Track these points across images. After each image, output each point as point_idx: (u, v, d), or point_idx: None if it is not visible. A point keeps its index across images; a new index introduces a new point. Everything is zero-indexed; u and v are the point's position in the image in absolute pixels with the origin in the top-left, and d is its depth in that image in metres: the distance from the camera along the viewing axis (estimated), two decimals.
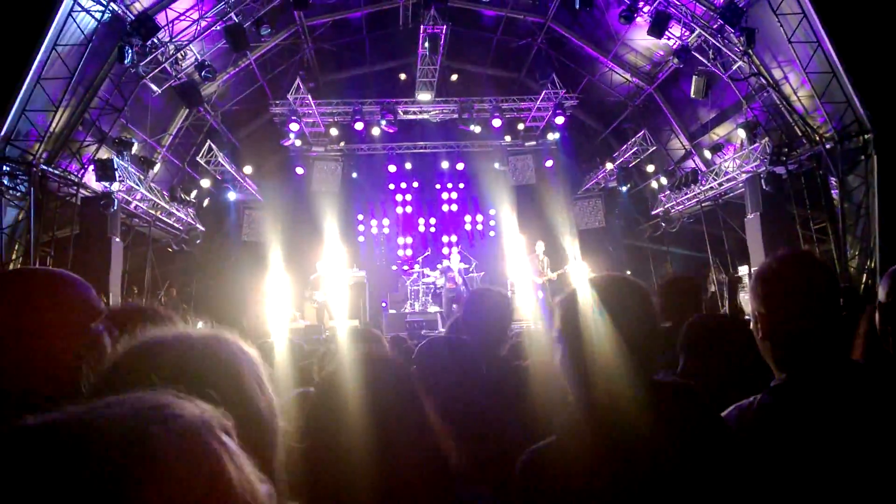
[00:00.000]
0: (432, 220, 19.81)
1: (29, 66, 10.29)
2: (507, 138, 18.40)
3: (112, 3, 10.94)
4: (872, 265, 11.74)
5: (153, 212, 14.68)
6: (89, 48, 10.99)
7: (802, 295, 1.77)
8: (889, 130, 11.47)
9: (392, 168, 18.67)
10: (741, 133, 14.19)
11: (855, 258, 12.26)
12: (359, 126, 16.54)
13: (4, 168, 10.52)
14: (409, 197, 19.83)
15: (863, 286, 11.50)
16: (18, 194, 10.95)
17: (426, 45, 14.50)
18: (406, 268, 18.03)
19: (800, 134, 12.81)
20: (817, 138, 12.48)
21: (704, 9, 12.75)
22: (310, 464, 1.46)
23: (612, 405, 1.57)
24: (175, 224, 15.81)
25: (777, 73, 12.75)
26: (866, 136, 11.82)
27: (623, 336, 1.60)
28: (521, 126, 18.05)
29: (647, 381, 1.63)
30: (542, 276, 14.95)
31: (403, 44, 16.56)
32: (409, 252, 19.18)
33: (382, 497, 1.44)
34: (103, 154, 12.29)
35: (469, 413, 2.47)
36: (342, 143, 17.94)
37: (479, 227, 19.97)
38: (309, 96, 15.92)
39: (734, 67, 12.96)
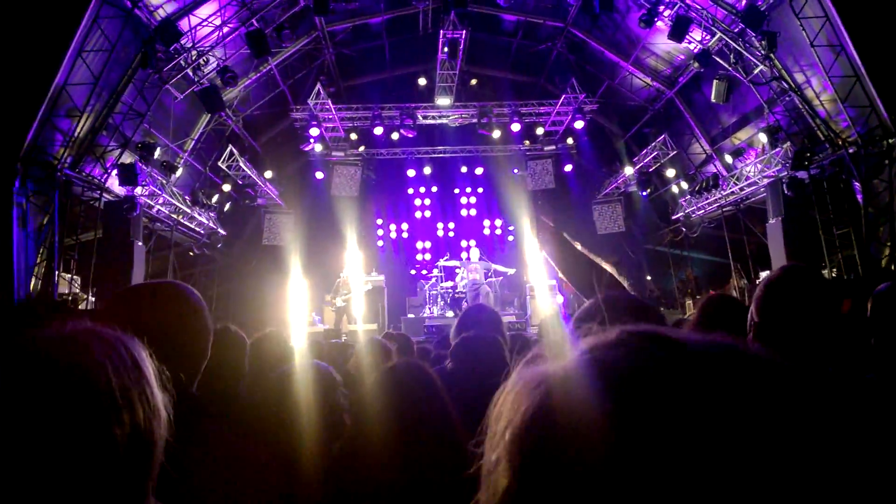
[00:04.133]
0: (451, 225, 19.85)
1: (56, 73, 10.47)
2: (527, 143, 18.40)
3: (136, 10, 11.09)
4: None
5: (175, 216, 14.84)
6: (113, 54, 11.15)
7: (795, 308, 1.84)
8: None
9: (411, 172, 18.75)
10: (763, 137, 14.05)
11: (882, 262, 12.09)
12: (378, 131, 16.62)
13: (30, 172, 10.68)
14: (427, 201, 19.90)
15: None
16: (44, 198, 11.11)
17: (445, 49, 14.55)
18: (425, 272, 18.06)
19: (822, 138, 12.66)
20: (840, 142, 12.34)
21: (725, 13, 12.67)
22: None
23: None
24: (196, 228, 15.96)
25: (799, 77, 12.62)
26: (890, 140, 11.65)
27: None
28: (540, 130, 18.01)
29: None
30: None
31: (423, 49, 16.62)
32: (427, 256, 19.23)
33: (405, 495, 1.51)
34: (126, 159, 12.45)
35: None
36: (362, 148, 18.04)
37: (498, 231, 19.98)
38: (329, 101, 16.03)
39: (755, 71, 12.86)
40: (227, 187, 16.28)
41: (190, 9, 12.08)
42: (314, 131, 16.28)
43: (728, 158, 15.78)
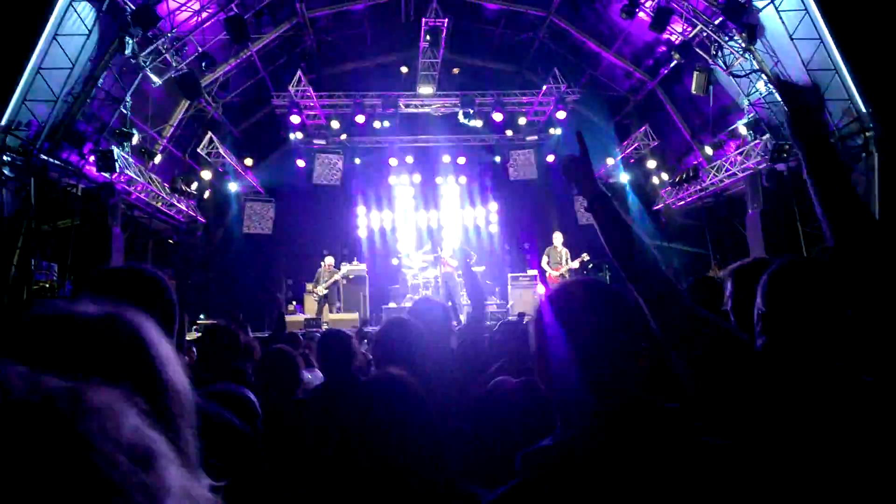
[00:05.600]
0: (433, 214, 19.81)
1: (29, 57, 10.30)
2: (509, 132, 18.37)
3: None
4: None
5: (154, 203, 14.69)
6: (89, 38, 10.99)
7: (807, 300, 1.84)
8: (890, 127, 11.42)
9: (393, 161, 18.68)
10: (743, 129, 14.16)
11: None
12: (360, 119, 16.53)
13: (5, 158, 10.52)
14: (410, 190, 19.83)
15: None
16: (20, 185, 10.95)
17: (428, 38, 14.49)
18: (406, 261, 18.00)
19: None
20: None
21: (706, 4, 12.70)
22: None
23: None
24: (176, 216, 15.82)
25: (779, 70, 12.70)
26: (867, 134, 11.77)
27: None
28: (522, 120, 17.99)
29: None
30: (562, 267, 14.63)
31: (405, 37, 16.53)
32: (410, 245, 19.17)
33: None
34: (104, 145, 12.29)
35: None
36: (343, 136, 17.91)
37: (480, 221, 19.97)
38: (310, 88, 15.91)
39: (736, 63, 12.92)
40: (206, 174, 16.14)
41: None
42: (295, 119, 16.17)
43: (708, 150, 15.87)
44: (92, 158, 12.02)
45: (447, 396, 2.77)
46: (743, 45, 12.39)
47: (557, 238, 14.97)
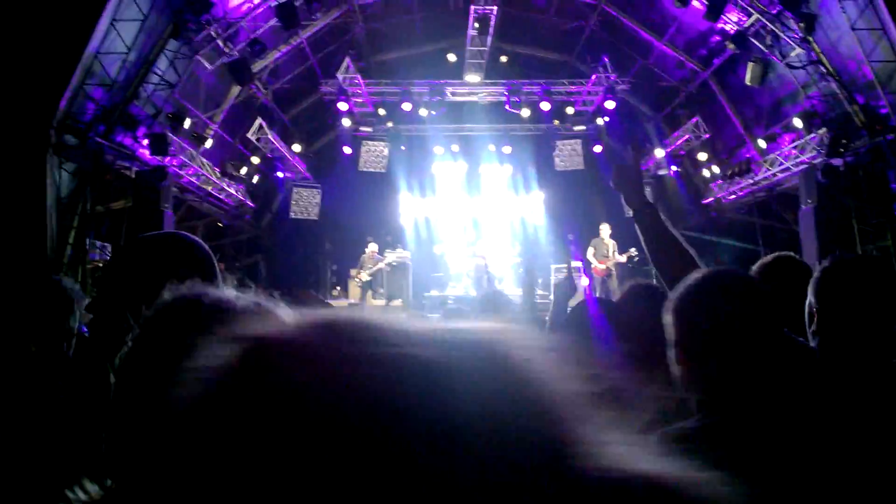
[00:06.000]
0: (478, 203, 19.75)
1: (88, 42, 10.57)
2: (556, 122, 18.18)
3: None
4: None
5: (205, 187, 14.97)
6: (145, 24, 11.23)
7: (862, 296, 1.80)
8: None
9: (438, 149, 18.67)
10: (798, 122, 13.73)
11: None
12: (407, 107, 16.56)
13: (63, 140, 10.85)
14: (454, 179, 19.80)
15: None
16: (76, 166, 11.29)
17: (476, 25, 14.43)
18: (451, 249, 18.02)
19: (859, 125, 12.33)
20: (878, 130, 12.00)
21: None
22: None
23: None
24: (226, 200, 16.10)
25: (838, 62, 12.28)
26: None
27: None
28: (570, 110, 17.78)
29: None
30: (609, 260, 14.49)
31: (453, 24, 16.45)
32: (454, 234, 19.16)
33: None
34: (157, 129, 12.57)
35: None
36: (390, 124, 17.99)
37: (525, 211, 19.84)
38: (358, 76, 16.00)
39: (792, 54, 12.53)
40: (255, 160, 16.38)
41: None
42: (342, 106, 16.29)
43: (762, 143, 15.46)
44: (145, 142, 12.29)
45: None
46: (800, 35, 12.00)
47: (605, 230, 14.74)
